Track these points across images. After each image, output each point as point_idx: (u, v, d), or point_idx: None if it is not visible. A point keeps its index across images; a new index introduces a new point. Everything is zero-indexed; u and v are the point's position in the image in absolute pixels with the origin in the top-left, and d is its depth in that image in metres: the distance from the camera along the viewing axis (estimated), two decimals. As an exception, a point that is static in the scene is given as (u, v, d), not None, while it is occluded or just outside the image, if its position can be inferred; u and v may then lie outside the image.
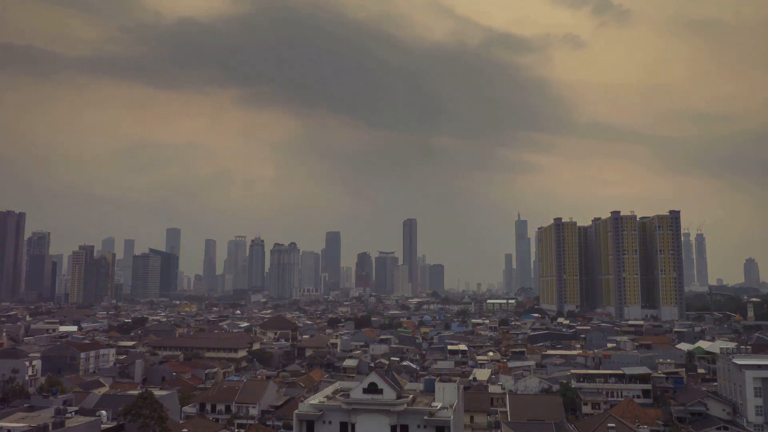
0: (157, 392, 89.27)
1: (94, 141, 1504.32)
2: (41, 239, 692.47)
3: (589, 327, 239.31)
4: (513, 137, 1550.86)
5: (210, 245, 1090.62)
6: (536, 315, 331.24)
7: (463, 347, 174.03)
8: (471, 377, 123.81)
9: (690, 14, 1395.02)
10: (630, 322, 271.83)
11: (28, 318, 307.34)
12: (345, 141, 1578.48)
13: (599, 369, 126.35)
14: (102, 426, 74.59)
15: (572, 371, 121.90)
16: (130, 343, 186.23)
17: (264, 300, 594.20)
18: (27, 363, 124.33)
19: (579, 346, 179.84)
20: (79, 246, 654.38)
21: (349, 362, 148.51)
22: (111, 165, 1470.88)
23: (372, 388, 58.44)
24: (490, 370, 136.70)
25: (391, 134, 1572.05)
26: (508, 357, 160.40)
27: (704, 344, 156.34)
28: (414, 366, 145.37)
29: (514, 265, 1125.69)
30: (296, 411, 60.26)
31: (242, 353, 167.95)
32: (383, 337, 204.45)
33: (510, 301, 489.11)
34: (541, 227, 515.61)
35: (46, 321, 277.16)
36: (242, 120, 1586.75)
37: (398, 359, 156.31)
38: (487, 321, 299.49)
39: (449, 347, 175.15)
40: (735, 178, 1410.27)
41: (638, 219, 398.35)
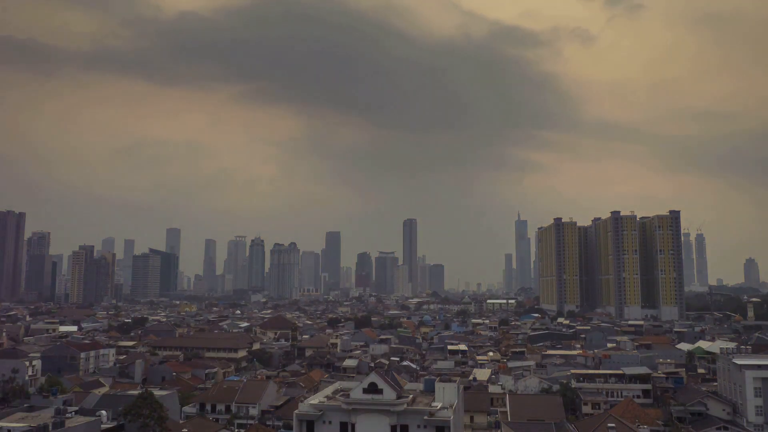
0: (157, 392, 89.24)
1: (95, 140, 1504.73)
2: (41, 239, 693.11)
3: (589, 327, 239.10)
4: (515, 135, 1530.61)
5: (210, 245, 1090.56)
6: (536, 315, 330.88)
7: (463, 347, 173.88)
8: (471, 377, 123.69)
9: (703, 7, 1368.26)
10: (630, 322, 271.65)
11: (28, 318, 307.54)
12: (346, 140, 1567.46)
13: (599, 369, 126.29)
14: (102, 426, 74.58)
15: (572, 371, 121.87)
16: (130, 343, 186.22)
17: (264, 300, 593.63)
18: (27, 363, 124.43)
19: (579, 346, 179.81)
20: (79, 246, 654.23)
21: (349, 362, 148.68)
22: (111, 164, 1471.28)
23: (372, 388, 58.39)
24: (490, 370, 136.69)
25: (391, 133, 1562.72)
26: (508, 357, 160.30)
27: (704, 344, 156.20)
28: (414, 366, 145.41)
29: (514, 265, 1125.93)
30: (296, 411, 60.24)
31: (242, 353, 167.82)
32: (383, 337, 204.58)
33: (510, 301, 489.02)
34: (541, 227, 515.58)
35: (46, 321, 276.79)
36: (243, 118, 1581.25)
37: (398, 359, 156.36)
38: (487, 321, 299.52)
39: (449, 347, 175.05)
40: (735, 178, 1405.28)
41: (638, 219, 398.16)
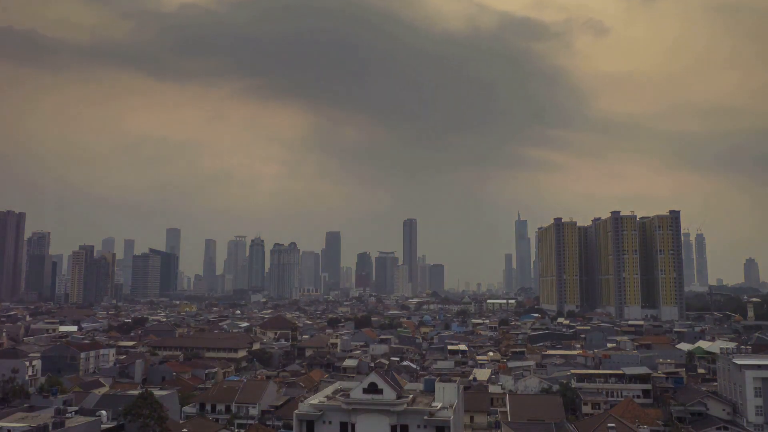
0: (157, 392, 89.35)
1: (95, 139, 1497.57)
2: (41, 239, 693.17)
3: (589, 327, 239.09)
4: (517, 133, 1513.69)
5: (210, 245, 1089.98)
6: (536, 315, 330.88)
7: (463, 347, 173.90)
8: (471, 377, 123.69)
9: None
10: (630, 322, 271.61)
11: (28, 318, 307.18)
12: (347, 139, 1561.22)
13: (599, 369, 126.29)
14: (102, 426, 74.67)
15: (572, 371, 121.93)
16: (130, 343, 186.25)
17: (264, 300, 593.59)
18: (27, 363, 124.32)
19: (579, 346, 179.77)
20: (79, 246, 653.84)
21: (349, 362, 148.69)
22: (111, 163, 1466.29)
23: (372, 388, 58.40)
24: (490, 370, 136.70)
25: (391, 133, 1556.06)
26: (508, 357, 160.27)
27: (704, 344, 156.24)
28: (414, 366, 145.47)
29: (514, 265, 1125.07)
30: (296, 411, 60.25)
31: (242, 353, 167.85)
32: (383, 337, 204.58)
33: (510, 301, 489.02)
34: (541, 227, 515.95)
35: (46, 321, 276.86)
36: (245, 115, 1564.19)
37: (398, 359, 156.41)
38: (487, 321, 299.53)
39: (449, 347, 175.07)
40: (735, 176, 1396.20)
41: (638, 219, 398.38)
